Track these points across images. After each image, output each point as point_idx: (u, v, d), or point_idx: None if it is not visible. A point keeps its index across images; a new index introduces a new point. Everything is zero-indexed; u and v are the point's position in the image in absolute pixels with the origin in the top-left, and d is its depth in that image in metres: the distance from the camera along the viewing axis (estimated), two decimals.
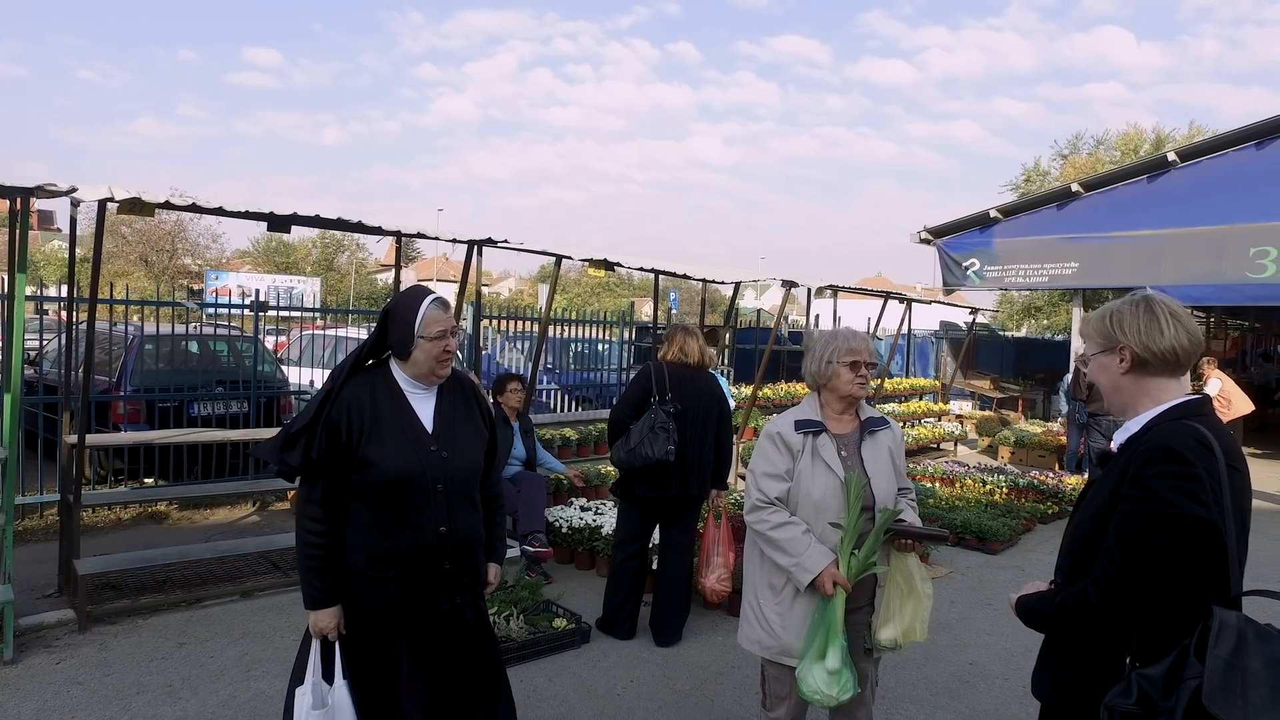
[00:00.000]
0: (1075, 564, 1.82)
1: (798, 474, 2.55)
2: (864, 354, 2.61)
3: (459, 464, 2.35)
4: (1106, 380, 1.86)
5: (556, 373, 10.37)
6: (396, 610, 2.30)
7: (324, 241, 43.44)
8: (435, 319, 2.29)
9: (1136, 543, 1.64)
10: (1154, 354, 1.77)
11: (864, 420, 2.68)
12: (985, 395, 14.60)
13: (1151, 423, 1.76)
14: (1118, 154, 25.70)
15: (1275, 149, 10.73)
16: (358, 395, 2.28)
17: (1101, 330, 1.85)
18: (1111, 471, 1.79)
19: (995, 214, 13.05)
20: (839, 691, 2.36)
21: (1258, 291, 10.79)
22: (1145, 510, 1.63)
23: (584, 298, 41.75)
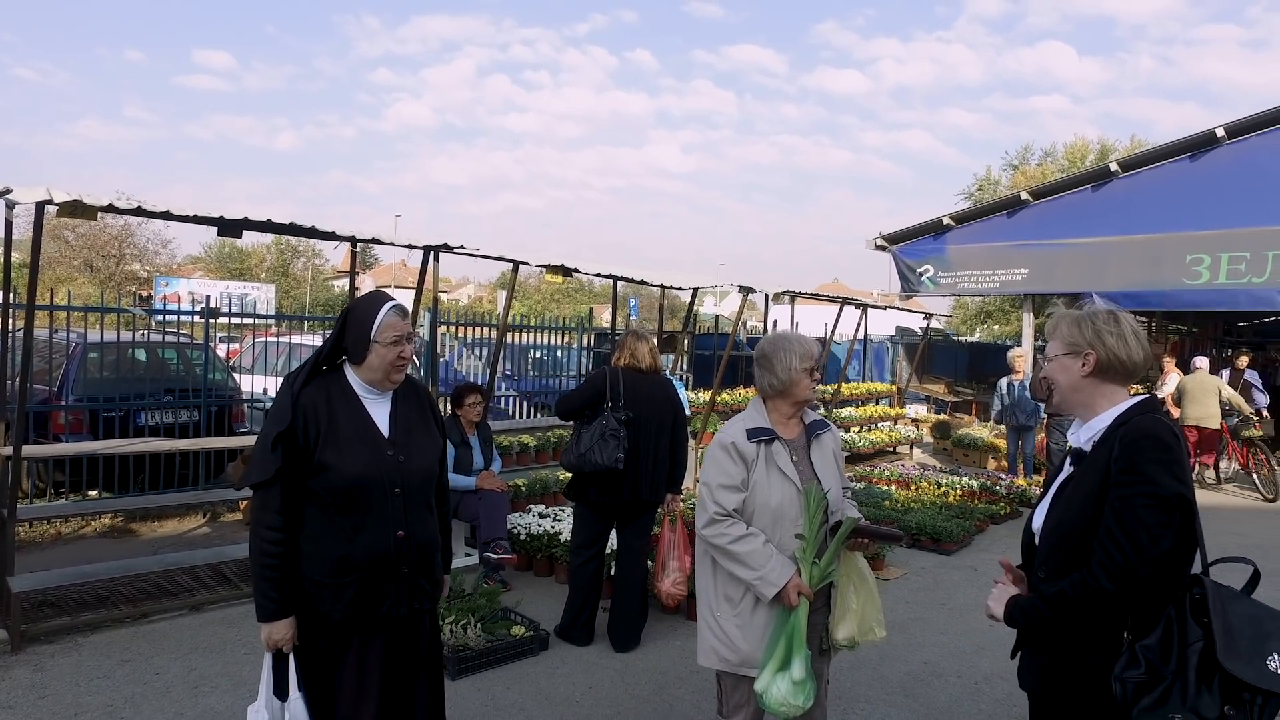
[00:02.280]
0: (1062, 557, 1.91)
1: (753, 484, 2.53)
2: (816, 358, 2.68)
3: (415, 468, 2.35)
4: (1066, 380, 2.01)
5: (515, 379, 10.30)
6: (354, 617, 2.28)
7: (279, 247, 42.64)
8: (392, 325, 2.29)
9: (1139, 523, 1.77)
10: (1117, 362, 1.96)
11: (808, 424, 2.71)
12: (940, 399, 14.88)
13: (1121, 418, 1.91)
14: (1065, 164, 26.50)
15: (1207, 161, 11.16)
16: (314, 399, 2.27)
17: (1073, 334, 2.00)
18: (1093, 466, 1.90)
19: (948, 221, 13.33)
20: (804, 700, 2.38)
21: (1193, 297, 11.20)
22: (1144, 493, 1.78)
23: (543, 304, 41.60)
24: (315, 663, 2.29)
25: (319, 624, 2.27)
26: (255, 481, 2.22)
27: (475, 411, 5.60)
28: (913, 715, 3.85)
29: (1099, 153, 26.36)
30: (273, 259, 43.25)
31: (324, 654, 2.29)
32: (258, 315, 9.40)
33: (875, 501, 7.46)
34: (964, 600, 5.51)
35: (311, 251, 44.20)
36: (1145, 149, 12.90)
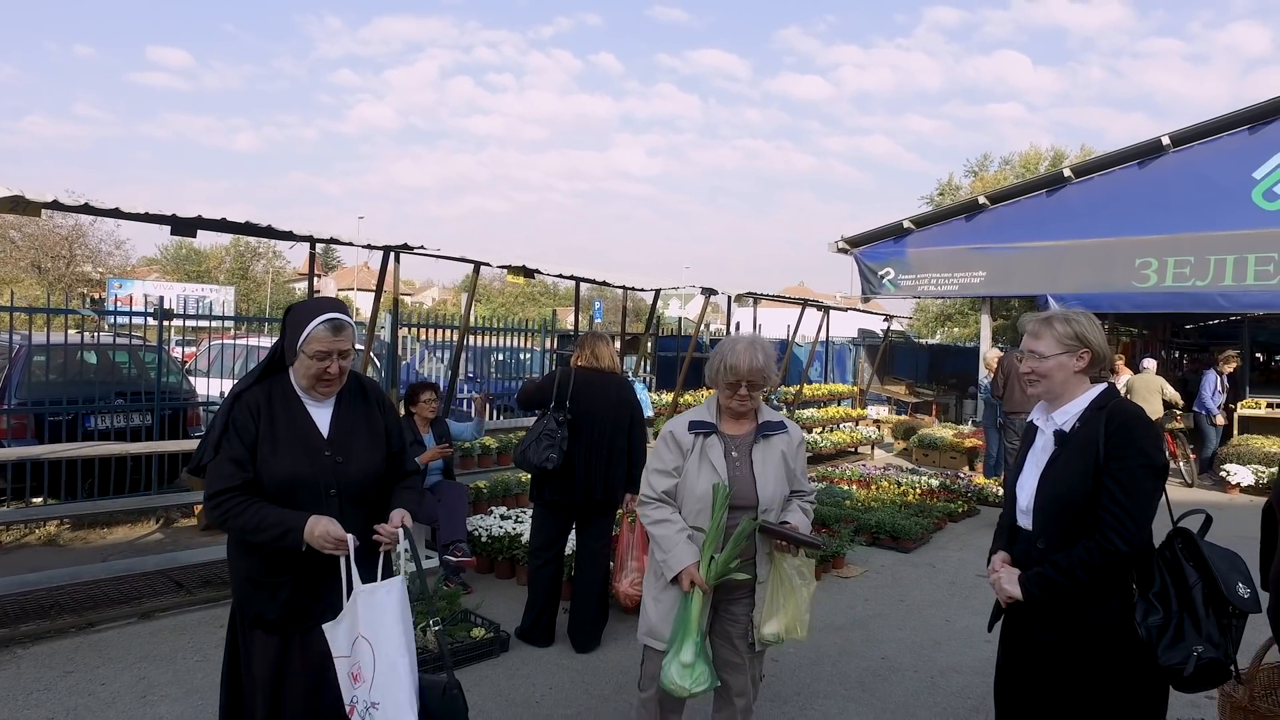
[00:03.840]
0: (1062, 527, 2.15)
1: (685, 471, 2.68)
2: (744, 374, 2.63)
3: (353, 470, 2.34)
4: (1061, 375, 2.24)
5: (478, 381, 10.23)
6: (289, 617, 2.28)
7: (237, 249, 41.84)
8: (319, 338, 2.24)
9: (1141, 491, 2.06)
10: (1100, 356, 2.24)
11: (761, 423, 2.77)
12: (901, 400, 15.11)
13: (1097, 404, 2.18)
14: (1022, 171, 27.11)
15: (1154, 168, 11.52)
16: (256, 399, 2.28)
17: (1067, 334, 2.24)
18: (1081, 444, 2.13)
19: (908, 225, 13.56)
20: (691, 684, 2.48)
21: (1142, 299, 11.54)
22: (1141, 465, 2.07)
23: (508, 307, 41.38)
24: (252, 660, 2.29)
25: (257, 623, 2.29)
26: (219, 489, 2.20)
27: (430, 409, 5.56)
28: (870, 710, 3.90)
29: (1052, 160, 27.06)
30: (231, 261, 42.42)
31: (262, 652, 2.29)
32: (213, 317, 9.20)
33: (836, 501, 7.54)
34: (922, 596, 5.59)
35: (272, 253, 43.44)
36: (1096, 156, 13.25)
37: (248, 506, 2.18)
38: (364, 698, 2.15)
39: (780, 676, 4.21)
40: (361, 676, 2.16)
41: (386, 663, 2.15)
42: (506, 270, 6.07)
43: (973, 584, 5.88)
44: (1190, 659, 2.01)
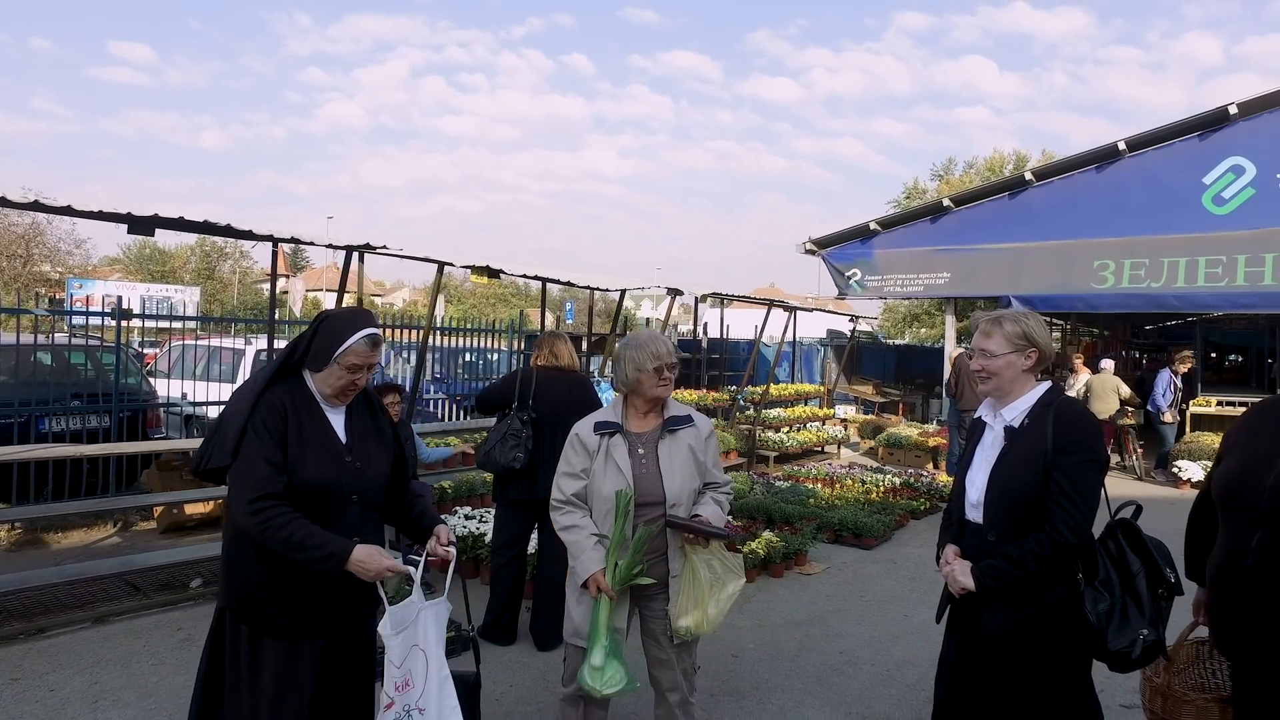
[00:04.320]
0: (1012, 520, 2.25)
1: (593, 472, 2.72)
2: (666, 358, 2.76)
3: (371, 475, 2.38)
4: (1010, 374, 2.34)
5: (446, 382, 10.19)
6: (304, 623, 2.27)
7: (203, 249, 41.14)
8: (358, 352, 2.28)
9: (1088, 483, 2.18)
10: (1047, 356, 2.35)
11: (666, 419, 2.81)
12: (868, 400, 15.29)
13: (1043, 400, 2.29)
14: (987, 175, 27.63)
15: (1111, 172, 11.80)
16: (280, 401, 2.26)
17: (1016, 333, 2.33)
18: (1032, 443, 2.23)
19: (875, 226, 13.74)
20: (602, 686, 2.53)
21: (1100, 300, 11.81)
22: (1088, 460, 2.19)
23: (479, 308, 41.17)
24: (267, 668, 2.25)
25: (270, 629, 2.25)
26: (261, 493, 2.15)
27: (394, 410, 5.54)
28: (826, 702, 3.96)
29: (1015, 164, 27.61)
30: (197, 261, 41.70)
31: (275, 660, 2.25)
32: (172, 317, 9.07)
33: (800, 500, 7.63)
34: (882, 592, 5.69)
35: (239, 253, 42.79)
36: (1056, 160, 13.53)
37: (292, 520, 2.14)
38: (410, 703, 2.27)
39: (739, 672, 4.26)
40: (412, 684, 2.28)
41: (437, 674, 2.31)
42: (470, 270, 6.06)
43: (932, 579, 5.98)
44: (1137, 641, 2.14)
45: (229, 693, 2.27)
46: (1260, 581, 1.97)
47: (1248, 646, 2.03)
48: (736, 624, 4.95)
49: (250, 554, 2.23)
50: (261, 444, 2.17)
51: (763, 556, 5.81)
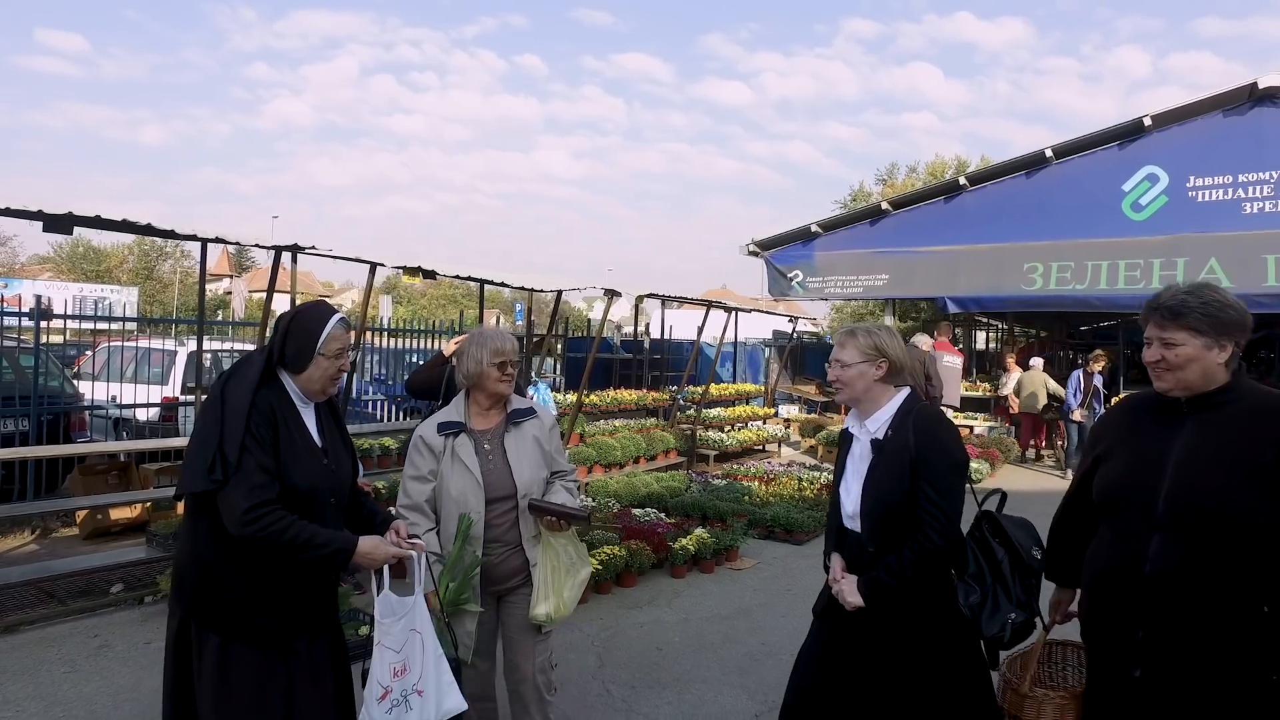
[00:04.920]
0: (887, 530, 2.34)
1: (441, 474, 2.74)
2: (509, 354, 2.79)
3: (343, 476, 2.39)
4: (863, 384, 2.44)
5: (388, 383, 10.13)
6: (291, 624, 2.26)
7: (142, 248, 39.89)
8: (338, 337, 2.31)
9: (951, 487, 2.29)
10: (899, 364, 2.45)
11: (510, 412, 2.86)
12: (811, 400, 15.56)
13: (904, 409, 2.39)
14: (929, 179, 28.32)
15: (1040, 178, 12.24)
16: (268, 405, 2.23)
17: (868, 345, 2.44)
18: (896, 450, 2.33)
19: (816, 229, 14.00)
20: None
21: (1030, 301, 12.24)
22: (948, 464, 2.30)
23: (429, 309, 40.72)
24: (251, 673, 2.22)
25: (256, 634, 2.21)
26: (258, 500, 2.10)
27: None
28: (744, 691, 4.08)
29: (956, 169, 28.36)
30: (135, 261, 40.43)
31: (259, 664, 2.22)
32: (98, 317, 8.82)
33: (735, 497, 7.77)
34: (809, 585, 5.83)
35: (180, 253, 41.61)
36: (988, 165, 13.98)
37: (293, 521, 2.14)
38: (409, 687, 2.30)
39: (662, 664, 4.36)
40: (409, 668, 2.32)
41: (433, 654, 2.36)
42: (401, 270, 6.05)
43: None
44: (1007, 625, 2.26)
45: (204, 706, 2.20)
46: (1161, 589, 1.94)
47: (1140, 651, 1.98)
48: (663, 618, 5.05)
49: (230, 561, 2.19)
50: (256, 452, 2.15)
51: (693, 552, 5.93)
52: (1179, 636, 1.92)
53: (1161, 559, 1.94)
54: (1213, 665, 1.89)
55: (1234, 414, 1.97)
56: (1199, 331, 1.96)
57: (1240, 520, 1.86)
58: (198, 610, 2.22)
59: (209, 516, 2.17)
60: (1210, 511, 1.89)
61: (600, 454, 8.38)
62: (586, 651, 4.49)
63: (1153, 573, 1.94)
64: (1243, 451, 1.90)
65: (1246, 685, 1.87)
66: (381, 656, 2.28)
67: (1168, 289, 2.07)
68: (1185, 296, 2.01)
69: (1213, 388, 1.99)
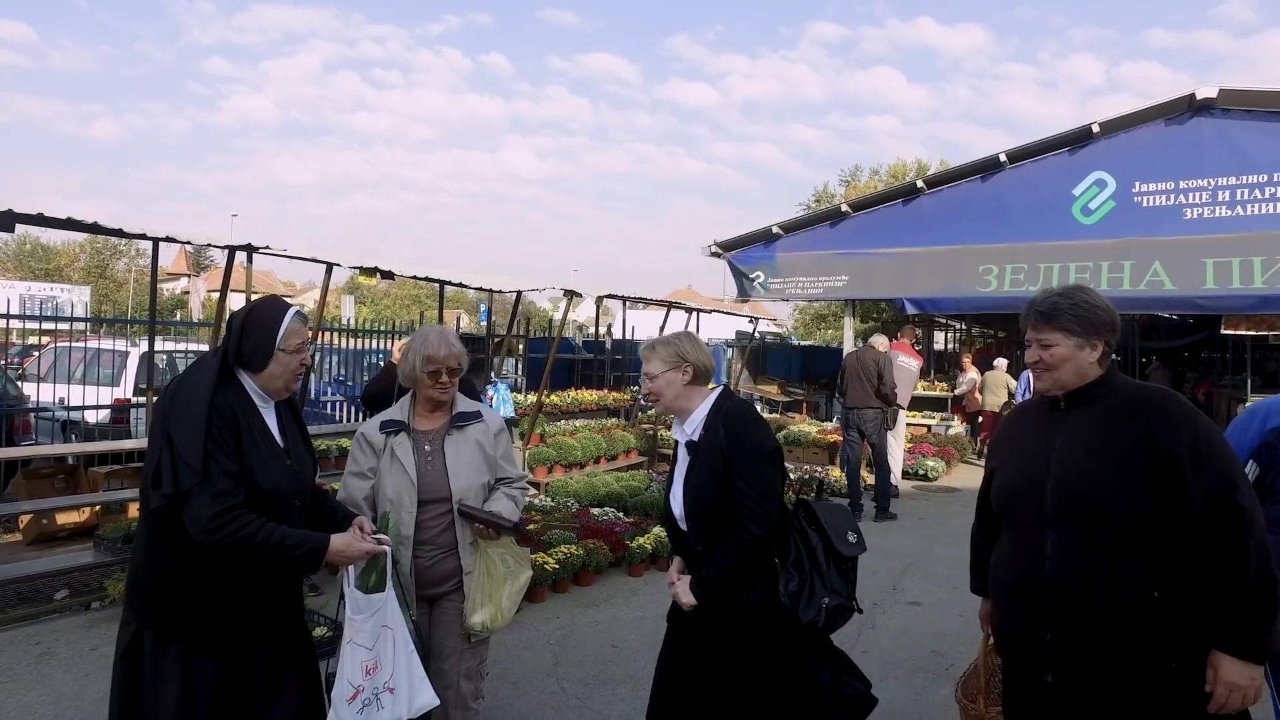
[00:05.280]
0: (710, 527, 2.38)
1: (380, 471, 2.74)
2: (444, 361, 2.72)
3: (306, 476, 2.35)
4: (673, 391, 2.51)
5: (349, 384, 10.03)
6: (257, 629, 2.21)
7: (94, 246, 38.88)
8: (296, 331, 2.27)
9: (762, 476, 2.34)
10: (703, 369, 2.53)
11: (454, 415, 2.83)
12: (773, 399, 15.73)
13: (715, 408, 2.46)
14: (890, 181, 28.79)
15: (994, 182, 12.55)
16: (228, 407, 2.16)
17: (669, 354, 2.50)
18: (709, 450, 2.39)
19: (777, 230, 14.17)
20: None
21: (984, 302, 12.53)
22: (758, 455, 2.36)
23: (393, 309, 40.30)
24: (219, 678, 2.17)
25: (221, 639, 2.16)
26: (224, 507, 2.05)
27: None
28: None
29: (917, 172, 28.85)
30: (87, 259, 39.41)
31: (225, 671, 2.18)
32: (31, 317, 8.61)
33: None
34: None
35: (135, 251, 40.61)
36: (945, 169, 14.27)
37: (261, 525, 2.10)
38: (380, 685, 2.29)
39: (617, 662, 4.40)
40: (380, 665, 2.30)
41: (405, 650, 2.35)
42: (359, 271, 6.02)
43: None
44: (821, 610, 2.32)
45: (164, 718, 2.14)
46: (1060, 584, 1.95)
47: (1050, 655, 1.98)
48: (620, 616, 5.09)
49: (191, 569, 2.13)
50: (218, 458, 2.09)
51: (650, 551, 5.98)
52: (1083, 635, 1.93)
53: (1057, 556, 1.97)
54: (1117, 661, 1.90)
55: (1106, 406, 2.02)
56: (1070, 332, 2.03)
57: (1119, 507, 1.90)
58: (156, 620, 2.15)
59: (167, 523, 2.11)
60: (1092, 501, 1.93)
61: (560, 454, 8.39)
62: (542, 650, 4.51)
63: (1051, 570, 1.96)
64: (1114, 441, 1.95)
65: (1149, 677, 1.88)
66: (352, 655, 2.26)
67: (1042, 292, 2.14)
68: (1057, 299, 2.08)
69: (1086, 383, 2.05)
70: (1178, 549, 1.88)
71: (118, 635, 2.25)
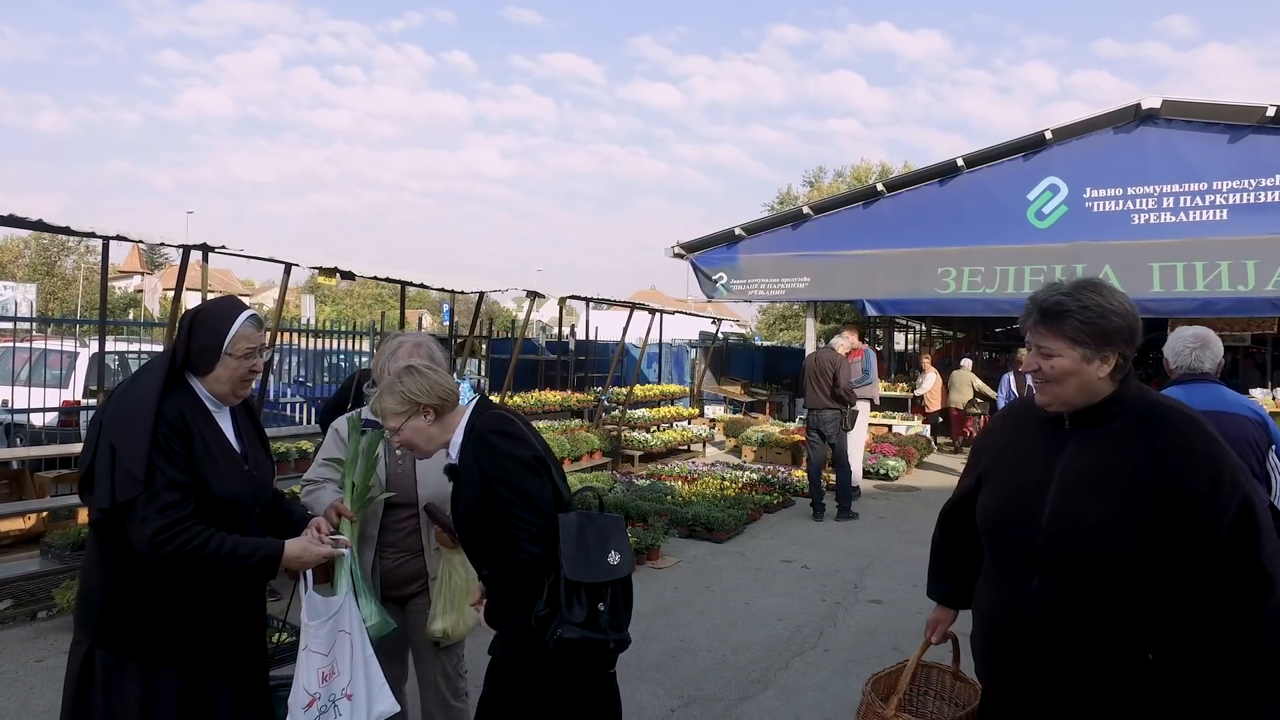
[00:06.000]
0: (487, 550, 2.26)
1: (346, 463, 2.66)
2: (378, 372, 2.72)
3: (264, 481, 2.28)
4: (425, 438, 2.28)
5: (308, 385, 9.87)
6: (217, 642, 2.13)
7: (40, 243, 37.66)
8: (246, 336, 2.14)
9: (530, 493, 2.16)
10: (445, 398, 2.28)
11: None
12: (736, 400, 15.85)
13: (468, 427, 2.26)
14: (854, 183, 29.18)
15: (952, 186, 12.79)
16: (177, 414, 2.06)
17: (401, 400, 2.24)
18: (469, 474, 2.23)
19: (740, 232, 14.27)
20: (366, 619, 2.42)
21: (943, 304, 12.76)
22: (516, 469, 2.17)
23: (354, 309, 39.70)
24: (180, 698, 2.08)
25: (182, 654, 2.08)
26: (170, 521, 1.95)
27: None
28: (661, 686, 4.16)
29: (880, 174, 29.28)
30: (32, 255, 38.15)
31: (188, 689, 2.09)
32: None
33: (658, 496, 7.87)
34: (728, 583, 5.97)
35: (84, 248, 39.41)
36: (904, 173, 14.50)
37: (210, 535, 2.00)
38: (336, 691, 2.22)
39: None
40: (337, 671, 2.23)
41: (362, 655, 2.28)
42: (318, 271, 5.93)
43: (775, 569, 6.35)
44: (551, 638, 2.09)
45: None
46: (1044, 633, 1.74)
47: (1027, 702, 1.80)
48: None
49: (145, 581, 2.04)
50: (165, 468, 1.99)
51: None
52: (1064, 694, 1.73)
53: (1043, 600, 1.73)
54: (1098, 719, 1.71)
55: (1120, 429, 1.73)
56: (1076, 341, 1.72)
57: (1120, 557, 1.65)
58: (111, 637, 2.06)
59: (116, 534, 2.02)
60: (1088, 547, 1.68)
61: None
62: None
63: (1034, 616, 1.74)
64: (1125, 474, 1.68)
65: None
66: (308, 662, 2.21)
67: (1050, 285, 1.83)
68: (1063, 298, 1.76)
69: (1095, 402, 1.75)
70: (1179, 604, 1.65)
71: (69, 655, 2.15)
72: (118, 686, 2.04)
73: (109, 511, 1.97)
